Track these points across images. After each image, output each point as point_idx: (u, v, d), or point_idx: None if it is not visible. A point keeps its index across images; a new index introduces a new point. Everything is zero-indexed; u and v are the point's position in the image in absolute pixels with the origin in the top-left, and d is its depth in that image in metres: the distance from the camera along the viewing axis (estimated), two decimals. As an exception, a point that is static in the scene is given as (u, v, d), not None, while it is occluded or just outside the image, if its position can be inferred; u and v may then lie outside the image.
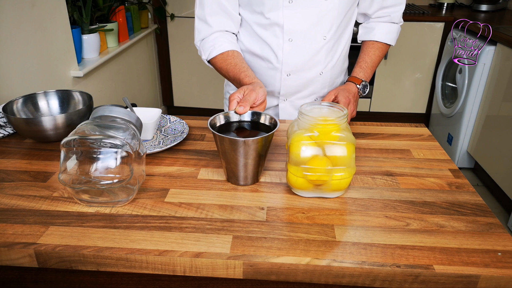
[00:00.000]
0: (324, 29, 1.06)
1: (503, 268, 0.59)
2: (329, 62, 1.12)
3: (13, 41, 1.43)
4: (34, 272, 0.68)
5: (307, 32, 1.05)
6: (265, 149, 0.76)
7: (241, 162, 0.75)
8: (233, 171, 0.78)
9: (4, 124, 1.00)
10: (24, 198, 0.75)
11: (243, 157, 0.75)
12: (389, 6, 1.12)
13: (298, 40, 1.06)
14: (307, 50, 1.08)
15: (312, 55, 1.09)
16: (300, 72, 1.11)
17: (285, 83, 1.13)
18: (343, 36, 1.13)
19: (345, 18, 1.08)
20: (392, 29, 1.16)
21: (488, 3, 2.94)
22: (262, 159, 0.77)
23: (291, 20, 1.04)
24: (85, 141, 0.70)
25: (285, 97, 1.17)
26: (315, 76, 1.12)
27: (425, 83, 2.97)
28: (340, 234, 0.66)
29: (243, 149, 0.74)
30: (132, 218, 0.70)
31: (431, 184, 0.81)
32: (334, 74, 1.16)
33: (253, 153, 0.74)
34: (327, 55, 1.10)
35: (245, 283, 0.65)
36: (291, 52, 1.08)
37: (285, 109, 1.19)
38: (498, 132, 2.16)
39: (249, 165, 0.76)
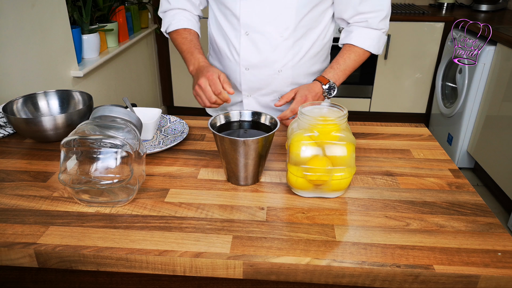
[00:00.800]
0: (281, 27, 1.04)
1: (503, 268, 0.59)
2: (289, 61, 1.10)
3: (13, 41, 1.43)
4: (34, 272, 0.68)
5: (263, 28, 1.05)
6: (265, 149, 0.76)
7: (241, 162, 0.75)
8: (233, 171, 0.78)
9: (4, 124, 1.00)
10: (24, 198, 0.75)
11: (243, 157, 0.75)
12: (365, 12, 1.06)
13: (254, 35, 1.06)
14: (263, 46, 1.07)
15: (269, 52, 1.08)
16: (258, 67, 1.11)
17: (245, 77, 1.13)
18: (308, 37, 1.09)
19: (307, 18, 1.05)
20: (371, 35, 1.08)
21: (488, 3, 2.94)
22: (262, 159, 0.77)
23: (247, 13, 1.04)
24: (85, 141, 0.70)
25: (248, 92, 1.17)
26: (273, 74, 1.11)
27: (425, 83, 2.97)
28: (340, 234, 0.66)
29: (243, 149, 0.74)
30: (132, 218, 0.70)
31: (431, 184, 0.81)
32: (297, 74, 1.13)
33: (253, 153, 0.74)
34: (287, 53, 1.08)
35: (245, 283, 0.65)
36: (247, 46, 1.08)
37: (250, 105, 1.19)
38: (498, 132, 2.16)
39: (249, 165, 0.76)
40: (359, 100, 3.08)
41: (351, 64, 1.08)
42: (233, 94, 0.97)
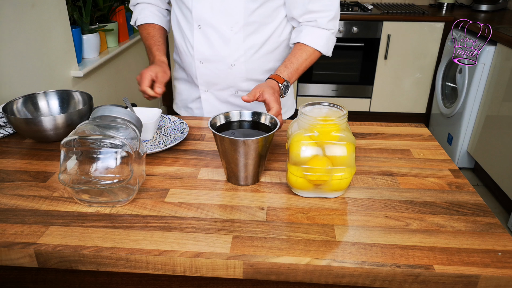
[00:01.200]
0: (231, 20, 1.05)
1: (503, 268, 0.59)
2: (241, 55, 1.10)
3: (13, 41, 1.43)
4: (34, 272, 0.68)
5: (214, 21, 1.06)
6: (265, 149, 0.76)
7: (241, 162, 0.75)
8: (234, 171, 0.78)
9: (4, 124, 1.00)
10: (24, 198, 0.75)
11: (243, 157, 0.75)
12: (315, 11, 1.06)
13: (206, 28, 1.07)
14: (215, 40, 1.08)
15: (221, 46, 1.09)
16: (212, 61, 1.12)
17: (200, 71, 1.14)
18: (261, 32, 1.09)
19: (258, 14, 1.06)
20: (320, 34, 1.07)
21: (488, 3, 2.94)
22: (262, 159, 0.77)
23: (199, 7, 1.05)
24: (85, 141, 0.70)
25: (205, 87, 1.18)
26: (226, 68, 1.12)
27: (425, 83, 2.97)
28: (340, 234, 0.66)
29: (243, 149, 0.74)
30: (132, 218, 0.70)
31: (431, 184, 0.81)
32: (251, 70, 1.13)
33: (253, 153, 0.74)
34: (238, 48, 1.09)
35: (245, 283, 0.65)
36: (200, 39, 1.09)
37: (208, 101, 1.20)
38: (498, 132, 2.16)
39: (249, 165, 0.76)
40: (359, 100, 3.08)
41: (303, 63, 1.07)
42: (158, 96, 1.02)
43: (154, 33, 1.16)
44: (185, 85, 1.25)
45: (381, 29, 2.82)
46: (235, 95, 1.18)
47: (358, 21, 2.82)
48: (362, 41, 2.88)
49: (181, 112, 1.30)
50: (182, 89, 1.27)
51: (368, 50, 2.90)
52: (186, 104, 1.27)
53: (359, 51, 2.92)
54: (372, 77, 2.98)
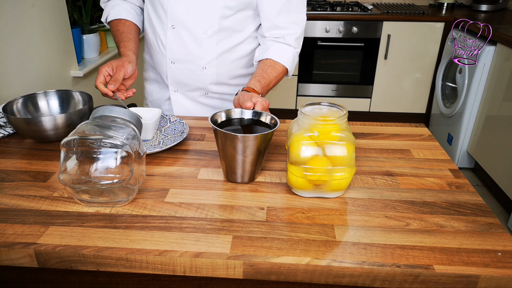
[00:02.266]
0: (205, 23, 1.06)
1: (503, 268, 0.59)
2: (213, 59, 1.10)
3: (13, 41, 1.43)
4: (34, 272, 0.68)
5: (188, 22, 1.06)
6: (263, 147, 0.76)
7: (239, 159, 0.76)
8: (231, 167, 0.78)
9: (4, 124, 1.00)
10: (24, 198, 0.75)
11: (241, 154, 0.75)
12: (282, 28, 1.07)
13: (180, 29, 1.07)
14: (188, 41, 1.08)
15: (194, 47, 1.09)
16: (183, 62, 1.12)
17: (171, 70, 1.14)
18: (233, 38, 1.10)
19: (231, 20, 1.06)
20: (288, 51, 1.08)
21: (488, 3, 2.94)
22: (260, 157, 0.78)
23: (174, 7, 1.05)
24: (85, 141, 0.70)
25: (175, 87, 1.18)
26: (197, 70, 1.12)
27: (425, 83, 2.97)
28: (340, 234, 0.66)
29: (241, 145, 0.74)
30: (132, 218, 0.70)
31: (431, 184, 0.81)
32: (222, 74, 1.14)
33: (251, 150, 0.75)
34: (210, 51, 1.09)
35: (245, 283, 0.65)
36: (173, 39, 1.09)
37: (178, 101, 1.20)
38: (498, 132, 2.16)
39: (247, 163, 0.76)
40: (359, 100, 3.08)
41: (273, 80, 1.06)
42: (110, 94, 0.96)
43: (123, 29, 1.12)
44: (155, 86, 1.25)
45: (381, 29, 2.82)
46: (206, 96, 1.19)
47: (358, 21, 2.82)
48: (362, 41, 2.88)
49: None
50: (152, 90, 1.26)
51: (368, 50, 2.90)
52: (158, 105, 1.26)
53: (359, 51, 2.92)
54: (372, 77, 2.98)
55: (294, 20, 1.07)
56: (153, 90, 1.26)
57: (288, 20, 1.07)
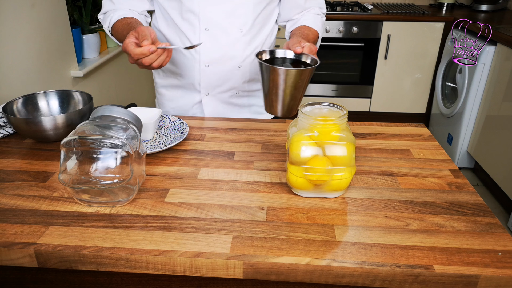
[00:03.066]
0: (240, 21, 1.06)
1: (503, 268, 0.59)
2: (247, 56, 1.12)
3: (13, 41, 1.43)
4: (34, 272, 0.68)
5: (223, 22, 1.06)
6: (302, 83, 0.81)
7: (279, 92, 0.81)
8: (272, 100, 0.84)
9: (4, 124, 1.00)
10: (24, 198, 0.75)
11: (281, 87, 0.80)
12: (310, 8, 1.17)
13: (214, 30, 1.07)
14: (223, 41, 1.08)
15: (229, 47, 1.09)
16: (218, 63, 1.11)
17: (204, 74, 1.13)
18: (262, 32, 1.13)
19: (262, 13, 1.09)
20: (317, 18, 1.17)
21: (488, 3, 2.94)
22: (298, 93, 0.83)
23: (207, 8, 1.04)
24: (85, 141, 0.70)
25: (206, 90, 1.16)
26: (233, 69, 1.12)
27: (425, 83, 2.97)
28: (340, 234, 0.66)
29: (282, 79, 0.79)
30: (132, 218, 0.70)
31: (431, 184, 0.81)
32: (253, 70, 1.16)
33: (291, 84, 0.80)
34: (245, 48, 1.10)
35: (245, 283, 0.65)
36: (208, 42, 1.08)
37: (209, 104, 1.19)
38: (498, 132, 2.16)
39: (286, 96, 0.82)
40: (359, 100, 3.09)
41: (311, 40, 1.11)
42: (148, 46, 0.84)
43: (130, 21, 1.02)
44: (179, 92, 1.21)
45: (381, 29, 2.82)
46: (236, 95, 1.19)
47: (358, 21, 2.82)
48: (362, 41, 2.88)
49: None
50: (176, 96, 1.22)
51: (368, 50, 2.90)
52: (185, 111, 1.23)
53: (359, 51, 2.92)
54: (372, 77, 2.98)
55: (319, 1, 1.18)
56: (176, 96, 1.22)
57: (315, 1, 1.17)
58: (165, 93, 1.24)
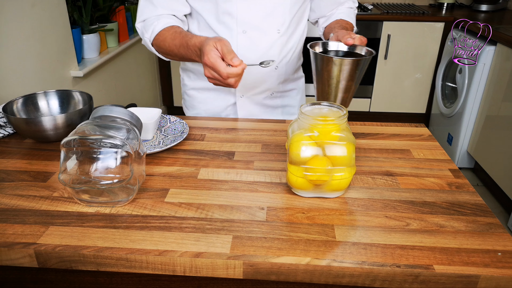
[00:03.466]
0: (277, 22, 1.06)
1: (503, 268, 0.59)
2: (283, 57, 1.12)
3: (13, 41, 1.43)
4: (34, 272, 0.68)
5: (260, 24, 1.05)
6: (357, 75, 0.80)
7: (332, 83, 0.80)
8: (324, 91, 0.83)
9: (4, 124, 1.00)
10: (24, 198, 0.75)
11: (335, 78, 0.79)
12: (344, 1, 1.18)
13: (251, 32, 1.06)
14: (261, 43, 1.07)
15: (267, 49, 1.08)
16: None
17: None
18: (296, 32, 1.13)
19: (297, 13, 1.09)
20: (350, 11, 1.18)
21: (488, 3, 2.94)
22: (353, 85, 0.82)
23: (244, 10, 1.03)
24: (85, 141, 0.70)
25: (242, 93, 1.16)
26: (270, 71, 1.12)
27: (425, 83, 2.97)
28: (340, 234, 0.66)
29: (336, 69, 0.78)
30: (132, 218, 0.70)
31: (431, 184, 0.81)
32: (289, 70, 1.16)
33: (345, 75, 0.79)
34: (282, 49, 1.10)
35: (245, 283, 0.65)
36: (245, 44, 1.07)
37: (244, 106, 1.18)
38: (498, 132, 2.16)
39: (340, 88, 0.81)
40: (359, 100, 3.08)
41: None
42: (241, 65, 0.82)
43: (180, 30, 0.98)
44: (212, 94, 1.19)
45: (381, 29, 2.82)
46: (270, 97, 1.18)
47: (358, 21, 2.80)
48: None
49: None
50: (209, 98, 1.20)
51: (368, 50, 2.90)
52: (217, 113, 1.21)
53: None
54: (372, 77, 2.98)
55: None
56: (209, 99, 1.20)
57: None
58: (197, 95, 1.21)
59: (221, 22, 1.06)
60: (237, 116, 1.20)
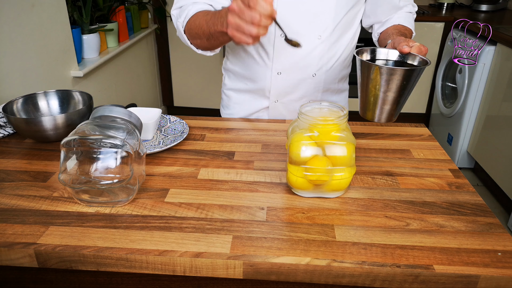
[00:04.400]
0: (319, 28, 1.01)
1: (503, 268, 0.59)
2: (324, 64, 1.07)
3: (13, 41, 1.43)
4: (34, 272, 0.68)
5: (300, 29, 1.00)
6: (408, 86, 0.72)
7: (379, 94, 0.73)
8: (370, 103, 0.75)
9: (4, 124, 1.00)
10: (24, 198, 0.75)
11: (383, 89, 0.72)
12: (402, 6, 1.08)
13: (290, 36, 1.02)
14: (300, 48, 1.02)
15: (305, 54, 1.04)
16: (292, 71, 1.06)
17: (276, 81, 1.09)
18: (342, 39, 1.07)
19: (345, 18, 1.03)
20: (409, 16, 1.09)
21: (488, 3, 2.94)
22: (402, 97, 0.73)
23: (284, 14, 0.98)
24: (85, 141, 0.70)
25: (276, 98, 1.13)
26: (307, 78, 1.08)
27: (425, 83, 2.97)
28: (340, 234, 0.66)
29: (385, 79, 0.71)
30: (132, 218, 0.70)
31: (431, 184, 0.81)
32: (329, 79, 1.11)
33: (394, 86, 0.71)
34: (322, 57, 1.06)
35: (245, 283, 0.65)
36: (282, 49, 1.03)
37: (276, 110, 1.16)
38: (498, 132, 2.16)
39: (388, 100, 0.73)
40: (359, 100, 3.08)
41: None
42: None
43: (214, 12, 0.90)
44: (247, 96, 1.17)
45: (381, 29, 2.82)
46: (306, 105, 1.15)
47: (358, 21, 2.82)
48: (362, 41, 2.87)
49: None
50: (243, 100, 1.18)
51: (368, 50, 2.89)
52: (249, 115, 1.20)
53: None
54: (372, 77, 2.98)
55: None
56: (245, 100, 1.18)
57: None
58: (234, 96, 1.21)
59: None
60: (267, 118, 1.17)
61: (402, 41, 0.82)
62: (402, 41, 0.82)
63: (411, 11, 1.10)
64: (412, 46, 0.81)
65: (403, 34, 1.00)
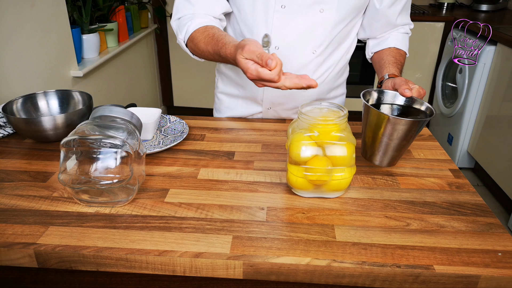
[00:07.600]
0: (315, 43, 1.00)
1: (503, 268, 0.59)
2: (318, 77, 1.06)
3: (13, 41, 1.43)
4: (34, 272, 0.68)
5: (295, 43, 1.00)
6: (412, 134, 0.75)
7: (384, 141, 0.76)
8: (373, 147, 0.78)
9: (4, 124, 1.00)
10: (24, 198, 0.75)
11: (388, 136, 0.75)
12: (400, 25, 1.08)
13: (285, 50, 1.00)
14: (294, 62, 1.02)
15: (299, 68, 1.03)
16: None
17: (268, 92, 1.09)
18: (337, 51, 1.07)
19: (340, 33, 1.03)
20: (404, 37, 1.10)
21: (488, 3, 2.94)
22: (406, 144, 0.76)
23: (280, 28, 0.98)
24: (85, 141, 0.70)
25: (269, 105, 1.13)
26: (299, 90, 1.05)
27: (425, 83, 2.97)
28: (340, 234, 0.66)
29: (390, 128, 0.73)
30: (132, 218, 0.70)
31: (431, 184, 0.81)
32: (322, 90, 1.12)
33: (400, 134, 0.74)
34: (316, 70, 1.05)
35: (245, 283, 0.65)
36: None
37: (269, 116, 1.16)
38: (498, 132, 2.16)
39: (391, 146, 0.76)
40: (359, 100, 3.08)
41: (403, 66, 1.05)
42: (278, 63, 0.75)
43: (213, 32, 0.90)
44: (241, 101, 1.17)
45: (381, 29, 2.82)
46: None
47: (358, 21, 2.82)
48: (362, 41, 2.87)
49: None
50: (236, 105, 1.18)
51: (368, 50, 2.90)
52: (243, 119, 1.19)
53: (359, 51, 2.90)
54: (372, 77, 2.98)
55: (407, 14, 1.08)
56: (236, 105, 1.18)
57: (406, 18, 1.08)
58: (225, 100, 1.20)
59: (255, 37, 1.01)
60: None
61: (403, 84, 0.83)
62: (403, 84, 0.83)
63: (407, 32, 1.11)
64: (412, 89, 0.82)
65: (398, 61, 1.01)
